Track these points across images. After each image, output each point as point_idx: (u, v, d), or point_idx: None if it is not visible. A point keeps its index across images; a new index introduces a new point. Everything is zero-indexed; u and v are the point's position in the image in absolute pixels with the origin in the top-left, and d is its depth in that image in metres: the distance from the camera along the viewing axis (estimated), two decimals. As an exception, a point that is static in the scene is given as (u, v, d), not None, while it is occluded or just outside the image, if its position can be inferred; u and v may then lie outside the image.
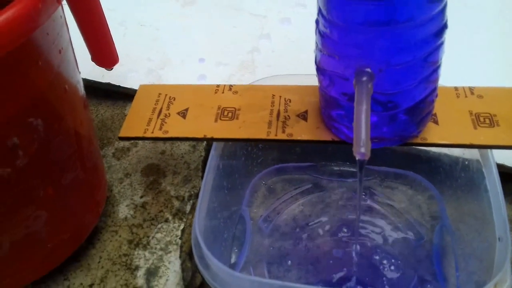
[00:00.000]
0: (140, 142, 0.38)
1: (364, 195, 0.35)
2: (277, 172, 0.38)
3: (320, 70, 0.27)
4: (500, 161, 0.33)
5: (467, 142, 0.28)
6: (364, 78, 0.24)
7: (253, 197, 0.36)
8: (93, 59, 0.36)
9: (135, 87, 0.41)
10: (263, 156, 0.37)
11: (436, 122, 0.29)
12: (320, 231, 0.33)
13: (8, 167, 0.22)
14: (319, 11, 0.25)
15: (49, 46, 0.22)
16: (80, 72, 0.28)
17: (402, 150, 0.35)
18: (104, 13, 0.39)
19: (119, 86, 0.41)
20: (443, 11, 0.23)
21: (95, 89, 0.42)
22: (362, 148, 0.22)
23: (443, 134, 0.28)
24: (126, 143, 0.38)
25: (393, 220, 0.33)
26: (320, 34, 0.25)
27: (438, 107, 0.30)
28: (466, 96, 0.30)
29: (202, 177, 0.36)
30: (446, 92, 0.31)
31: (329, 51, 0.25)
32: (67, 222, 0.28)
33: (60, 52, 0.23)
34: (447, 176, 0.34)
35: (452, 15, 0.25)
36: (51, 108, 0.23)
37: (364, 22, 0.23)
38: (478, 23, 0.45)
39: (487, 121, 0.29)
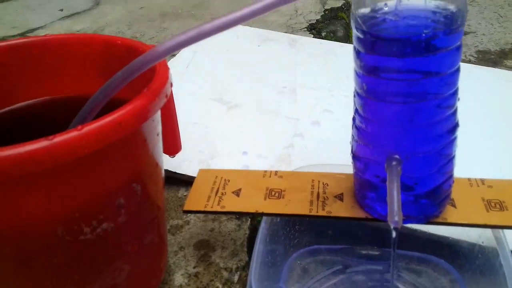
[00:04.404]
0: (191, 220, 0.44)
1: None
2: (311, 253, 0.42)
3: (355, 157, 0.33)
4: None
5: (481, 222, 0.33)
6: (394, 163, 0.30)
7: (289, 276, 0.40)
8: (160, 147, 0.43)
9: (188, 173, 0.48)
10: (299, 238, 0.42)
11: (454, 206, 0.34)
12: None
13: (113, 222, 0.27)
14: (356, 110, 0.32)
15: (152, 130, 0.29)
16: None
17: (424, 236, 0.40)
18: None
19: (175, 172, 0.48)
20: (454, 113, 0.30)
21: (153, 175, 0.49)
22: (395, 217, 0.28)
23: (461, 215, 0.34)
24: (180, 221, 0.44)
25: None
26: (357, 128, 0.32)
27: (455, 193, 0.35)
28: (478, 186, 0.36)
29: (247, 252, 0.41)
30: (461, 182, 0.36)
31: (364, 141, 0.32)
32: (141, 280, 0.32)
33: (157, 135, 0.30)
34: (467, 260, 0.38)
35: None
36: (147, 177, 0.29)
37: (393, 119, 0.29)
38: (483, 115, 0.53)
39: (498, 206, 0.34)
